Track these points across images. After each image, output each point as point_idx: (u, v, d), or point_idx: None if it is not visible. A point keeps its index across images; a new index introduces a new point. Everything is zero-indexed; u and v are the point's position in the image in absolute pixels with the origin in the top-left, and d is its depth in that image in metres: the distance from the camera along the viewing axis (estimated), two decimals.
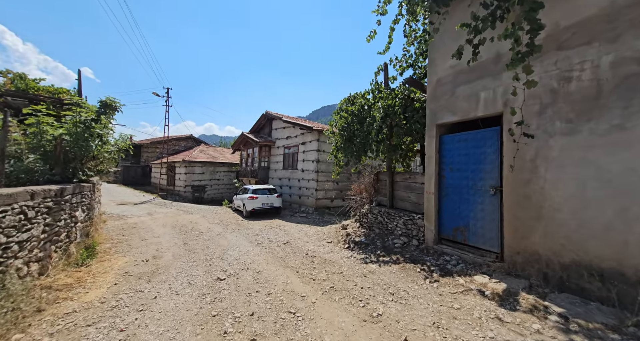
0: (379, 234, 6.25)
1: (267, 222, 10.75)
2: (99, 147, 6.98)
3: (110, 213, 11.80)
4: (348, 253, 5.72)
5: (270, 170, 16.41)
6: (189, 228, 9.41)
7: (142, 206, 14.66)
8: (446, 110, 4.71)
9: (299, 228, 9.21)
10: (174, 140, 28.51)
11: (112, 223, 9.78)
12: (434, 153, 4.92)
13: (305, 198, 13.36)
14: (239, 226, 9.80)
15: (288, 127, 14.99)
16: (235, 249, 6.54)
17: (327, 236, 7.37)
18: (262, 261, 5.48)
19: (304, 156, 13.55)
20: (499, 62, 3.94)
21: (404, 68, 6.27)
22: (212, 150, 25.91)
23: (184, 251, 6.40)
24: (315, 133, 12.85)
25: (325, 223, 10.41)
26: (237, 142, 18.29)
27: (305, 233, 8.29)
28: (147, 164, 27.16)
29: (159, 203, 16.28)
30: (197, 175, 21.28)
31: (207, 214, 12.80)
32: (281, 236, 7.86)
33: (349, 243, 6.31)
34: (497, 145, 4.13)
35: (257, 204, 11.81)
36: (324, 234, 7.79)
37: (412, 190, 5.79)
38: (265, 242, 7.25)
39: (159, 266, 5.20)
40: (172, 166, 22.57)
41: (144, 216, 11.61)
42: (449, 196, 4.80)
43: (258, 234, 8.38)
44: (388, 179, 6.44)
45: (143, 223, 10.14)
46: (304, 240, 7.24)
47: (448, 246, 4.79)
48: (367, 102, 6.81)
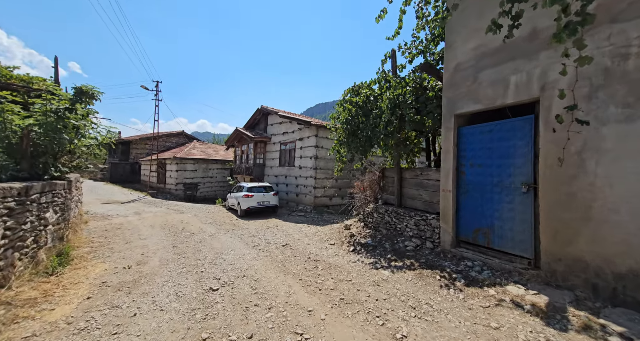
0: (387, 236, 5.75)
1: (264, 222, 10.17)
2: (76, 141, 6.28)
3: (94, 212, 11.02)
4: (354, 257, 5.21)
5: (266, 167, 15.78)
6: (179, 228, 8.76)
7: (130, 205, 13.87)
8: (467, 98, 4.21)
9: (298, 228, 8.67)
10: (164, 136, 27.48)
11: (95, 223, 9.04)
12: (451, 147, 4.43)
13: (302, 196, 12.81)
14: (233, 226, 9.19)
15: (284, 123, 14.36)
16: (229, 252, 5.96)
17: (330, 237, 6.85)
18: (260, 267, 4.92)
19: (301, 152, 12.97)
20: (535, 40, 3.44)
21: (413, 55, 5.75)
22: (204, 147, 25.05)
23: (172, 255, 5.79)
24: (314, 128, 12.28)
25: (325, 222, 9.88)
26: (231, 138, 17.57)
27: (305, 233, 7.75)
28: (136, 161, 26.10)
29: (148, 202, 15.49)
30: (189, 172, 20.47)
31: (199, 213, 12.13)
32: (279, 237, 7.30)
33: (354, 245, 5.80)
34: (530, 136, 3.65)
35: (252, 202, 11.21)
36: (326, 235, 7.27)
37: (424, 188, 5.30)
38: (262, 244, 6.69)
39: (143, 274, 4.58)
40: (162, 163, 21.68)
41: (130, 215, 10.87)
42: (469, 194, 4.32)
43: (254, 235, 7.80)
44: (396, 176, 5.94)
45: (129, 223, 9.43)
46: (305, 242, 6.70)
47: (468, 249, 4.31)
48: (372, 92, 6.27)
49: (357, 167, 7.01)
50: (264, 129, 16.37)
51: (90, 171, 26.00)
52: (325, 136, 12.59)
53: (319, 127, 12.22)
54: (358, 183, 7.34)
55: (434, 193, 5.05)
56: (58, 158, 5.77)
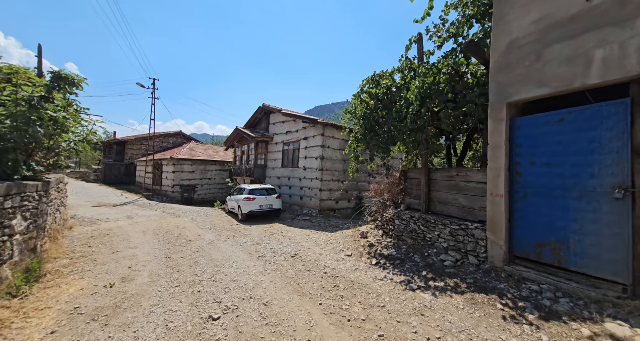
0: (414, 247, 4.99)
1: (267, 227, 9.37)
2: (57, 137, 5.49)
3: (82, 216, 10.15)
4: (380, 272, 4.43)
5: (268, 168, 15.00)
6: (174, 234, 7.94)
7: (123, 208, 13.00)
8: (526, 81, 3.45)
9: (305, 235, 7.88)
10: (161, 136, 26.62)
11: (81, 229, 8.19)
12: (502, 141, 3.68)
13: (307, 199, 12.02)
14: (234, 232, 8.39)
15: (288, 122, 13.61)
16: (231, 265, 5.17)
17: (344, 246, 6.07)
18: (269, 285, 4.13)
19: (306, 152, 12.22)
20: (628, 4, 2.73)
21: (443, 39, 5.04)
22: (203, 147, 24.22)
23: (164, 268, 4.98)
24: (320, 127, 11.53)
25: (334, 228, 9.10)
26: (231, 138, 16.78)
27: (314, 241, 6.96)
28: (131, 162, 25.19)
29: (143, 205, 14.62)
30: (187, 174, 19.62)
31: (196, 217, 11.30)
32: (287, 246, 6.51)
33: (376, 257, 5.02)
34: (624, 125, 2.84)
35: (254, 206, 10.41)
36: (339, 243, 6.48)
37: (461, 191, 4.55)
38: (268, 254, 5.89)
39: (127, 295, 3.78)
40: (158, 164, 20.81)
41: (122, 220, 10.02)
42: (528, 199, 3.57)
43: (258, 242, 7.00)
44: (422, 178, 5.19)
45: (119, 228, 8.60)
46: (316, 252, 5.92)
47: (528, 268, 3.53)
48: (394, 83, 5.55)
49: (371, 167, 6.28)
50: (266, 129, 15.61)
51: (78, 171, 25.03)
52: (332, 135, 11.86)
53: (326, 125, 11.49)
54: (374, 186, 6.59)
55: (475, 197, 4.29)
56: (32, 155, 4.97)
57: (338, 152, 12.10)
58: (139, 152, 25.96)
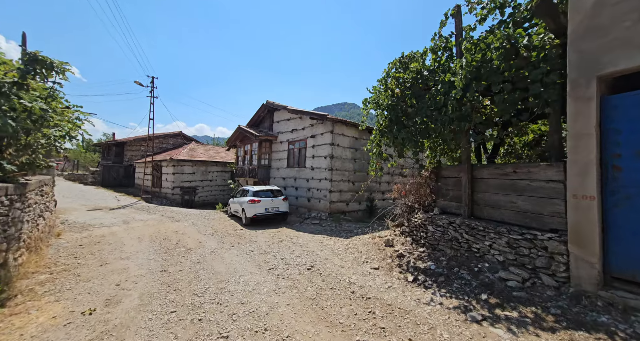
0: (457, 259, 4.17)
1: (273, 232, 8.58)
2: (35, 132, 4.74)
3: (74, 222, 9.38)
4: (422, 293, 3.62)
5: (272, 169, 14.22)
6: (173, 242, 7.16)
7: (119, 212, 12.24)
8: (627, 47, 2.63)
9: (318, 242, 7.08)
10: (161, 137, 25.90)
11: (70, 236, 7.42)
12: (592, 127, 2.86)
13: (316, 201, 11.23)
14: (238, 239, 7.60)
15: (293, 119, 12.85)
16: (238, 280, 4.38)
17: (368, 257, 5.26)
18: (286, 309, 3.34)
19: (314, 151, 11.44)
20: None
21: (486, 12, 4.23)
22: (204, 148, 23.50)
23: (159, 286, 4.20)
24: (329, 124, 10.76)
25: (348, 233, 8.30)
26: (233, 137, 16.02)
27: (330, 249, 6.16)
28: (130, 164, 24.47)
29: (141, 208, 13.85)
30: (187, 175, 18.88)
31: (197, 221, 10.52)
32: (300, 256, 5.71)
33: (410, 271, 4.22)
34: None
35: (259, 209, 9.62)
36: (360, 252, 5.68)
37: (521, 192, 3.69)
38: (279, 266, 5.10)
39: (109, 327, 2.99)
40: (158, 166, 20.08)
41: (117, 225, 9.25)
42: (632, 201, 2.74)
43: (266, 251, 6.21)
44: (465, 176, 4.38)
45: (113, 235, 7.82)
46: (336, 263, 5.12)
47: (635, 294, 2.69)
48: (425, 67, 4.76)
49: (392, 165, 5.48)
50: (269, 127, 14.86)
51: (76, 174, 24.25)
52: (342, 133, 11.08)
53: (335, 122, 10.72)
54: (398, 186, 5.79)
55: (544, 199, 3.44)
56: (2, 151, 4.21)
57: (348, 151, 11.32)
58: (138, 154, 25.25)
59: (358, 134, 11.74)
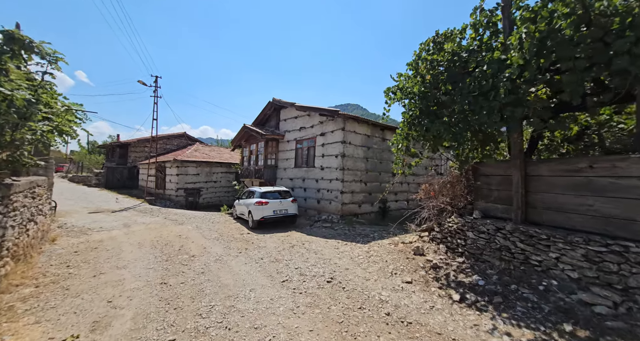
0: (510, 273, 3.49)
1: (283, 236, 7.97)
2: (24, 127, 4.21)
3: (73, 225, 8.89)
4: (477, 317, 2.96)
5: (279, 169, 13.64)
6: (175, 247, 6.60)
7: (121, 215, 11.75)
8: None
9: (333, 247, 6.45)
10: (164, 138, 25.54)
11: (66, 241, 6.90)
12: None
13: (326, 202, 10.60)
14: (245, 244, 7.01)
15: (301, 117, 12.26)
16: (248, 295, 3.77)
17: (396, 267, 4.60)
18: (310, 337, 2.71)
19: (323, 150, 10.82)
20: None
21: None
22: (208, 149, 23.07)
23: (157, 302, 3.61)
24: (340, 121, 10.14)
25: (365, 237, 7.65)
26: (238, 137, 15.49)
27: (349, 257, 5.52)
28: (134, 165, 24.13)
29: (144, 210, 13.37)
30: (191, 177, 18.40)
31: (202, 224, 9.97)
32: (315, 264, 5.09)
33: (453, 286, 3.57)
34: None
35: (267, 211, 9.03)
36: (384, 261, 5.02)
37: (601, 192, 2.93)
38: (294, 277, 4.49)
39: None
40: (162, 167, 19.65)
41: (117, 229, 8.73)
42: None
43: (277, 258, 5.60)
44: (518, 173, 3.70)
45: (112, 240, 7.29)
46: (359, 274, 4.47)
47: None
48: (462, 47, 4.11)
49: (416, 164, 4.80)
50: (276, 126, 14.30)
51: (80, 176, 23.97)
52: (353, 130, 10.45)
53: (347, 118, 10.09)
54: (425, 186, 5.13)
55: (636, 202, 2.81)
56: None
57: (360, 150, 10.68)
58: (142, 155, 24.91)
59: (370, 132, 11.11)
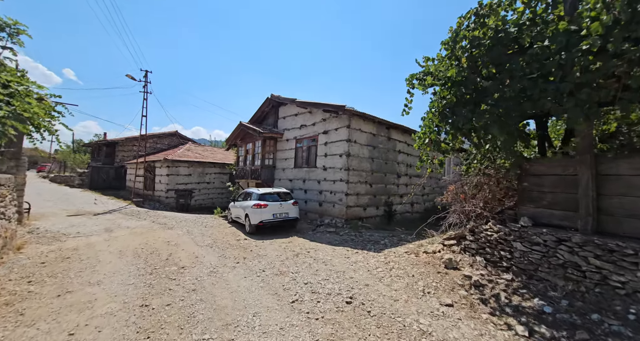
0: (582, 297, 2.83)
1: (284, 242, 7.21)
2: None
3: (47, 230, 7.91)
4: None
5: (277, 169, 12.86)
6: (162, 256, 5.75)
7: (105, 218, 10.75)
8: None
9: (343, 256, 5.72)
10: (155, 137, 24.39)
11: (35, 249, 5.97)
12: None
13: (329, 205, 9.87)
14: (243, 252, 6.21)
15: (302, 114, 11.55)
16: (252, 324, 3.01)
17: (426, 283, 3.89)
18: None
19: (326, 149, 10.12)
20: None
21: None
22: (201, 149, 22.07)
23: (134, 336, 2.81)
24: (345, 118, 9.46)
25: (375, 244, 6.95)
26: (233, 135, 14.63)
27: (364, 268, 4.80)
28: (122, 165, 22.88)
29: (130, 213, 12.36)
30: (183, 177, 17.42)
31: (193, 228, 9.10)
32: (327, 278, 4.34)
33: (509, 312, 2.89)
34: None
35: (266, 215, 8.24)
36: (409, 274, 4.31)
37: None
38: (305, 296, 3.74)
39: None
40: (151, 167, 18.58)
41: (97, 234, 7.79)
42: None
43: (281, 271, 4.83)
44: (588, 172, 3.04)
45: (89, 248, 6.38)
46: (383, 292, 3.75)
47: None
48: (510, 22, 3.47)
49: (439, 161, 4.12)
50: (274, 124, 13.53)
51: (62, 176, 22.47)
52: (359, 128, 9.79)
53: (352, 115, 9.42)
54: (453, 187, 4.48)
55: None
56: None
57: (366, 149, 10.02)
58: (130, 154, 23.67)
59: (376, 130, 10.47)
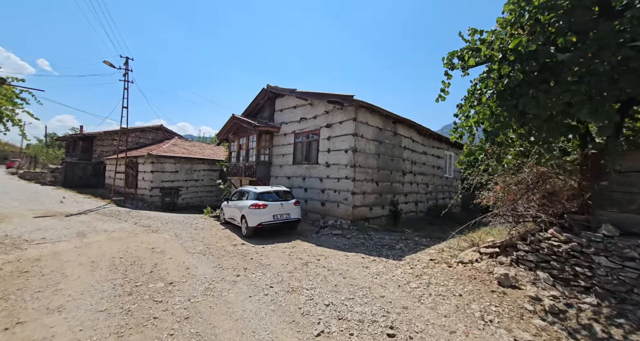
0: None
1: (287, 247, 6.38)
2: None
3: (7, 234, 6.73)
4: None
5: (273, 166, 11.93)
6: (145, 268, 4.80)
7: (78, 220, 9.50)
8: None
9: (360, 265, 4.97)
10: (138, 131, 22.71)
11: None
12: None
13: (332, 205, 9.09)
14: (243, 260, 5.34)
15: (302, 106, 10.67)
16: None
17: (482, 307, 3.18)
18: None
19: (329, 144, 9.31)
20: None
21: None
22: (188, 144, 20.69)
23: None
24: (351, 110, 8.67)
25: (390, 249, 6.25)
26: (225, 129, 13.52)
27: (394, 283, 4.06)
28: (100, 161, 21.13)
29: (109, 213, 11.10)
30: (169, 174, 16.14)
31: (182, 231, 8.09)
32: (351, 297, 3.57)
33: None
34: None
35: (265, 216, 7.36)
36: (453, 293, 3.60)
37: None
38: (332, 324, 2.95)
39: None
40: (133, 163, 17.14)
41: (67, 240, 6.67)
42: None
43: (293, 287, 4.01)
44: None
45: (55, 258, 5.32)
46: (430, 319, 3.01)
47: None
48: None
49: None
50: (270, 117, 12.57)
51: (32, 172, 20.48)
52: (365, 121, 9.03)
53: (359, 107, 8.64)
54: (500, 186, 3.79)
55: None
56: None
57: (372, 144, 9.29)
58: (110, 150, 21.92)
59: (382, 124, 9.76)
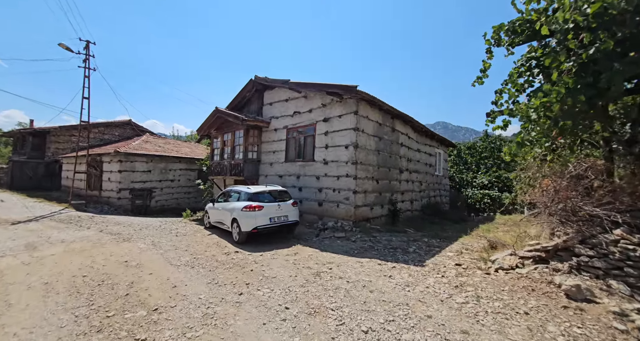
0: None
1: (288, 254, 5.61)
2: None
3: None
4: None
5: (263, 164, 10.98)
6: (119, 290, 3.80)
7: (27, 228, 7.91)
8: None
9: (381, 274, 4.36)
10: (101, 126, 20.28)
11: None
12: None
13: (331, 205, 8.41)
14: (241, 273, 4.48)
15: (294, 99, 9.86)
16: None
17: (562, 330, 2.61)
18: None
19: (327, 139, 8.62)
20: None
21: None
22: (162, 141, 18.85)
23: None
24: (352, 103, 8.04)
25: (404, 253, 5.72)
26: (206, 124, 12.26)
27: (432, 296, 3.48)
28: (55, 160, 18.51)
29: (67, 219, 9.46)
30: (140, 174, 14.45)
31: (160, 238, 6.94)
32: (391, 319, 2.94)
33: None
34: None
35: (261, 219, 6.51)
36: (514, 310, 3.08)
37: None
38: None
39: None
40: (97, 161, 15.12)
41: (13, 253, 5.35)
42: None
43: (313, 307, 3.29)
44: None
45: None
46: None
47: None
48: None
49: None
50: (258, 112, 11.58)
51: None
52: (366, 115, 8.48)
53: (360, 100, 8.05)
54: (547, 181, 3.37)
55: None
56: None
57: (372, 140, 8.76)
58: (67, 147, 19.32)
59: (382, 119, 9.27)
